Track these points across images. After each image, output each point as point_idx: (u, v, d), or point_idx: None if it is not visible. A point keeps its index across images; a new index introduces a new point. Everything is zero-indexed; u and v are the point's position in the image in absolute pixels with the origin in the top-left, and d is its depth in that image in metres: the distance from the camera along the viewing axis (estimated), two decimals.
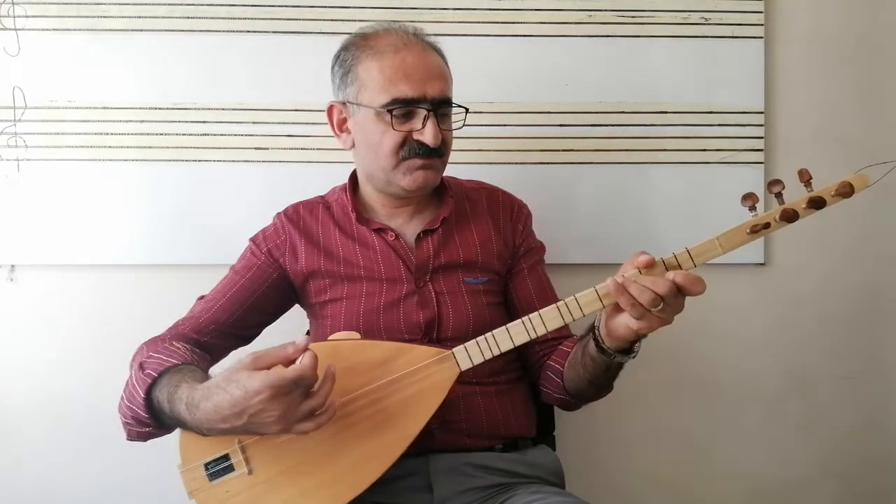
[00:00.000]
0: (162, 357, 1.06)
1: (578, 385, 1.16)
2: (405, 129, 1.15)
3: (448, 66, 1.22)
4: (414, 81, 1.14)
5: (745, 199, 0.98)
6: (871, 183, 0.98)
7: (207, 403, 0.95)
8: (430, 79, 1.15)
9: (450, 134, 1.21)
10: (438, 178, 1.22)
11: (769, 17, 1.61)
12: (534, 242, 1.34)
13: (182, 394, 0.99)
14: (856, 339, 1.68)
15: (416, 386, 1.04)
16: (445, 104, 1.18)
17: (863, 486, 1.69)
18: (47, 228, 1.55)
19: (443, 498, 1.13)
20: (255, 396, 0.91)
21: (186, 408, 0.97)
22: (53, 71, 1.54)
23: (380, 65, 1.15)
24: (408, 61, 1.15)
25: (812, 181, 0.97)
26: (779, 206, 0.98)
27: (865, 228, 1.65)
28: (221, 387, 0.95)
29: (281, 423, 0.94)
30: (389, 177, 1.19)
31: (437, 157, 1.18)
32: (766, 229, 0.98)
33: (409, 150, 1.16)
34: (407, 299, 1.20)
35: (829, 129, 1.64)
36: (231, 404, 0.93)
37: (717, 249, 0.99)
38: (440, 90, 1.16)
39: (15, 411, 1.57)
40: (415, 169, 1.17)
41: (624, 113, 1.59)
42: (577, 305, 1.02)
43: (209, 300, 1.24)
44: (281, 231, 1.27)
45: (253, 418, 0.93)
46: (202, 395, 0.96)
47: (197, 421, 0.97)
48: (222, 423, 0.95)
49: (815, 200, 0.97)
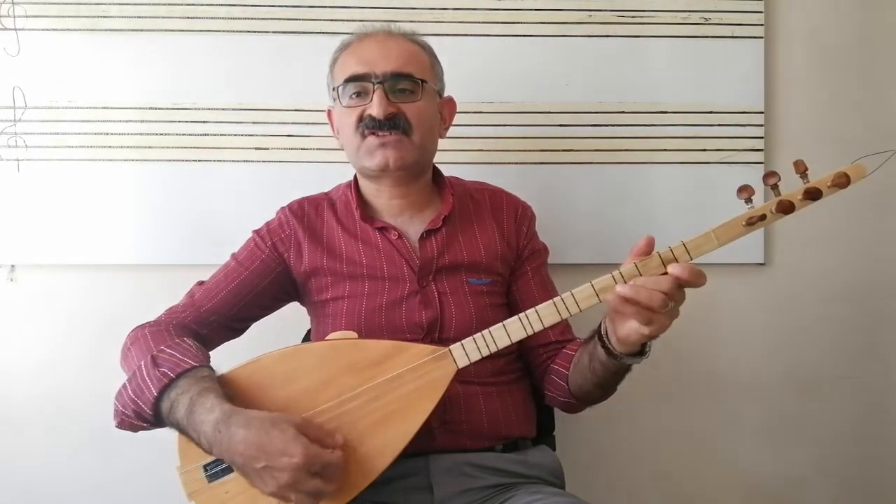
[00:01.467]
0: (177, 356, 1.06)
1: (585, 388, 1.16)
2: (360, 105, 1.19)
3: (430, 57, 1.24)
4: (364, 60, 1.19)
5: (741, 192, 0.97)
6: (867, 173, 0.96)
7: (241, 431, 0.96)
8: (383, 57, 1.18)
9: (414, 108, 1.19)
10: (408, 157, 1.20)
11: (769, 17, 1.61)
12: (538, 245, 1.34)
13: (212, 404, 0.99)
14: (856, 339, 1.67)
15: (413, 384, 1.04)
16: (400, 77, 1.18)
17: (862, 486, 1.68)
18: (47, 228, 1.55)
19: (443, 498, 1.13)
20: (287, 458, 0.94)
21: (215, 423, 0.97)
22: (53, 71, 1.54)
23: (343, 57, 1.23)
24: (364, 45, 1.22)
25: (808, 172, 0.96)
26: (775, 198, 0.97)
27: (865, 228, 1.65)
28: (265, 426, 0.96)
29: (283, 487, 0.95)
30: (359, 160, 1.22)
31: (393, 130, 1.18)
32: (761, 221, 0.97)
33: (363, 127, 1.18)
34: (409, 299, 1.20)
35: (829, 129, 1.63)
36: (261, 446, 0.95)
37: (713, 242, 0.98)
38: (395, 66, 1.18)
39: (15, 411, 1.57)
40: (374, 149, 1.19)
41: (624, 113, 1.59)
42: (574, 301, 1.01)
43: (210, 289, 1.24)
44: (286, 226, 1.27)
45: (265, 470, 0.95)
46: (241, 420, 0.97)
47: (216, 439, 0.97)
48: (238, 456, 0.96)
49: (811, 191, 0.96)
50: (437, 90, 1.26)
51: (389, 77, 1.17)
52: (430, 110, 1.23)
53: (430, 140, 1.25)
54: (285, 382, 1.05)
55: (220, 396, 1.00)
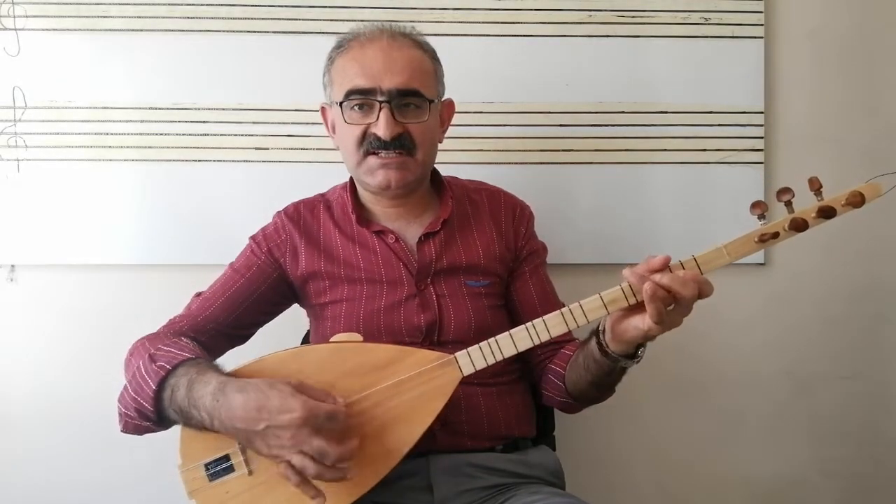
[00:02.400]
0: (174, 350, 1.06)
1: (581, 388, 1.16)
2: (363, 122, 1.15)
3: (433, 62, 1.21)
4: (370, 73, 1.14)
5: (755, 208, 0.96)
6: (883, 192, 0.95)
7: (238, 396, 0.96)
8: (389, 70, 1.13)
9: (420, 127, 1.17)
10: (410, 176, 1.18)
11: (769, 17, 1.61)
12: (536, 244, 1.33)
13: (210, 378, 0.99)
14: (856, 340, 1.68)
15: (418, 389, 1.04)
16: (407, 95, 1.15)
17: (862, 486, 1.68)
18: (47, 228, 1.55)
19: (443, 498, 1.13)
20: (287, 413, 0.93)
21: (213, 392, 0.97)
22: (53, 71, 1.54)
23: (343, 61, 1.17)
24: (368, 54, 1.15)
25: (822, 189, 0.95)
26: (788, 215, 0.96)
27: (865, 228, 1.65)
28: (261, 388, 0.96)
29: (286, 446, 0.95)
30: (359, 174, 1.20)
31: (398, 151, 1.15)
32: (774, 238, 0.96)
33: (368, 145, 1.16)
34: (408, 302, 1.20)
35: (829, 129, 1.64)
36: (260, 407, 0.94)
37: (725, 258, 0.98)
38: (401, 81, 1.13)
39: (15, 411, 1.57)
40: (375, 168, 1.17)
41: (624, 113, 1.59)
42: (582, 312, 1.01)
43: (207, 298, 1.24)
44: (281, 230, 1.26)
45: (268, 431, 0.95)
46: (237, 386, 0.97)
47: (215, 408, 0.97)
48: (239, 421, 0.96)
49: (825, 210, 0.94)
50: (439, 99, 1.23)
51: (396, 95, 1.14)
52: (434, 125, 1.21)
53: (432, 154, 1.24)
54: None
55: (219, 372, 1.01)
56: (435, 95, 1.20)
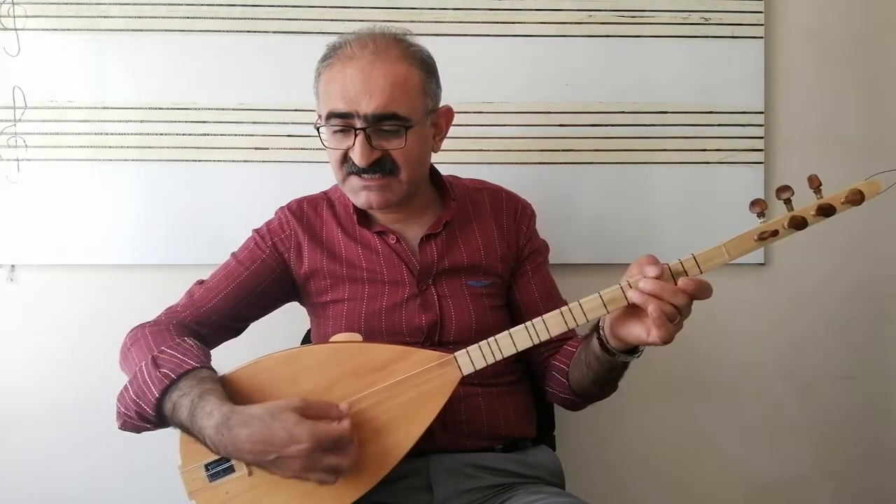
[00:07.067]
0: (178, 356, 1.05)
1: (583, 384, 1.16)
2: (342, 147, 1.14)
3: (422, 73, 1.15)
4: (348, 95, 1.10)
5: (754, 206, 0.96)
6: (882, 190, 0.95)
7: (243, 431, 0.96)
8: (367, 93, 1.09)
9: (403, 150, 1.12)
10: (393, 197, 1.16)
11: (769, 17, 1.61)
12: (537, 243, 1.33)
13: (210, 409, 0.98)
14: (856, 339, 1.68)
15: (417, 389, 1.04)
16: (384, 119, 1.11)
17: (862, 486, 1.69)
18: (47, 228, 1.55)
19: (443, 498, 1.14)
20: (295, 445, 0.94)
21: (216, 426, 0.97)
22: (53, 71, 1.54)
23: (327, 78, 1.15)
24: (348, 74, 1.11)
25: (822, 188, 0.95)
26: (787, 213, 0.96)
27: (865, 228, 1.65)
28: (265, 420, 0.96)
29: (300, 472, 0.96)
30: (345, 192, 1.20)
31: (378, 174, 1.13)
32: (773, 236, 0.96)
33: (348, 167, 1.14)
34: (409, 302, 1.20)
35: (829, 129, 1.64)
36: (267, 441, 0.95)
37: (724, 256, 0.98)
38: (378, 105, 1.09)
39: (15, 411, 1.57)
40: (358, 189, 1.16)
41: (624, 113, 1.59)
42: (581, 311, 1.01)
43: (210, 288, 1.23)
44: (286, 226, 1.26)
45: (278, 461, 0.95)
46: (240, 420, 0.96)
47: (220, 441, 0.97)
48: (247, 454, 0.97)
49: (824, 208, 0.94)
50: (429, 112, 1.18)
51: (371, 120, 1.10)
52: (419, 143, 1.16)
53: (420, 171, 1.20)
54: (289, 384, 1.04)
55: (220, 398, 1.00)
56: (419, 114, 1.14)
